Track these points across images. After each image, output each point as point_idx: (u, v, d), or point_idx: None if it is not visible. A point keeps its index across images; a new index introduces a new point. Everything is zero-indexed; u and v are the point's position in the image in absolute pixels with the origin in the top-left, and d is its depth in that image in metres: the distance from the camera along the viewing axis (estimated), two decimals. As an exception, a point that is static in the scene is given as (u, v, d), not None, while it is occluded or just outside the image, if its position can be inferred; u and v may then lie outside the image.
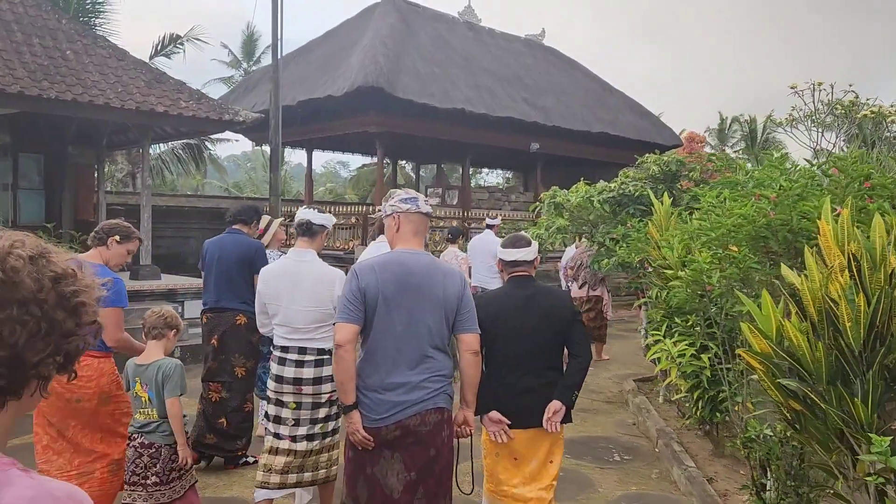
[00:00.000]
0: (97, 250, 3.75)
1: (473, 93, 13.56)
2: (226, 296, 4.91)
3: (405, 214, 2.85)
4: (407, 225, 2.85)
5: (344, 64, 12.97)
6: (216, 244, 5.09)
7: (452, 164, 21.73)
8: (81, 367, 3.47)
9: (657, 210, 6.22)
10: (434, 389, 2.78)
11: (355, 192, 42.03)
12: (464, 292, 2.86)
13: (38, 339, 0.97)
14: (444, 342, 2.85)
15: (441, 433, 2.81)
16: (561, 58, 18.12)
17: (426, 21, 15.12)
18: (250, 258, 4.96)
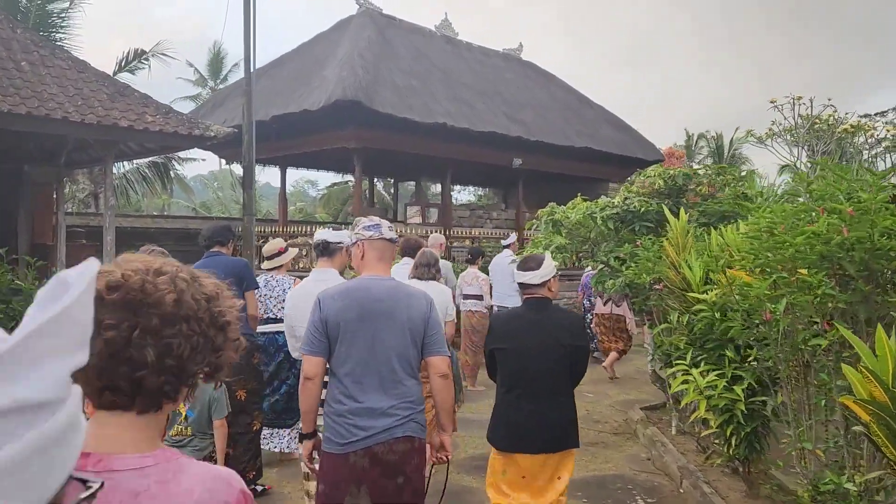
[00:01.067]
0: None
1: (454, 107, 13.11)
2: None
3: (369, 241, 2.89)
4: (371, 252, 2.89)
5: (319, 77, 12.41)
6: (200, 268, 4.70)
7: (431, 181, 21.23)
8: None
9: (673, 227, 5.76)
10: (402, 417, 2.77)
11: (326, 210, 41.48)
12: (430, 315, 2.86)
13: (197, 353, 1.10)
14: (412, 367, 2.84)
15: (410, 461, 2.78)
16: (539, 72, 17.81)
17: (403, 34, 14.67)
18: (239, 275, 4.82)
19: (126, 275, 1.09)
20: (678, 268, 5.62)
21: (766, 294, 3.12)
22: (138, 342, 1.06)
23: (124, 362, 1.05)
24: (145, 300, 1.07)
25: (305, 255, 12.98)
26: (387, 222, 3.06)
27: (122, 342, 1.05)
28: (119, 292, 1.07)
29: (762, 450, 4.93)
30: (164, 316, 1.07)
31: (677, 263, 5.63)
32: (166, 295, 1.09)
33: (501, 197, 20.16)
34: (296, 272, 12.60)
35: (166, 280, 1.11)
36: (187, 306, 1.10)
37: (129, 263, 1.12)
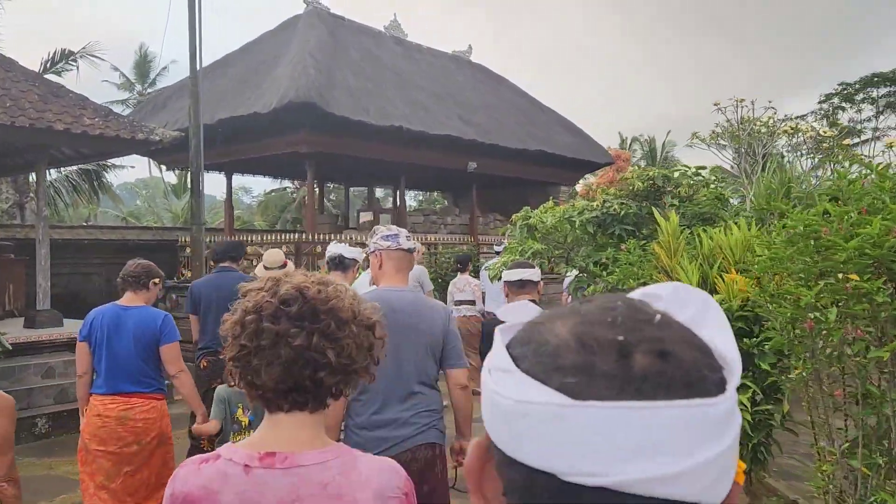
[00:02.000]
0: (138, 294, 3.85)
1: (409, 110, 12.75)
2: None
3: (387, 252, 2.85)
4: (389, 262, 2.86)
5: (269, 78, 11.84)
6: (210, 285, 4.93)
7: (384, 187, 20.78)
8: (146, 410, 3.74)
9: (664, 230, 5.56)
10: (423, 425, 2.77)
11: (264, 218, 40.56)
12: (449, 327, 2.86)
13: (360, 351, 1.24)
14: (430, 378, 2.85)
15: (434, 468, 2.80)
16: (490, 75, 17.64)
17: (353, 35, 14.22)
18: None
19: (301, 287, 1.21)
20: (670, 272, 5.43)
21: (811, 302, 2.89)
22: (319, 346, 1.17)
23: (308, 365, 1.17)
24: (322, 308, 1.19)
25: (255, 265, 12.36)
26: (405, 231, 2.99)
27: (306, 346, 1.17)
28: (297, 304, 1.19)
29: (766, 460, 4.77)
30: (338, 320, 1.20)
31: (670, 268, 5.44)
32: (339, 302, 1.21)
33: (452, 201, 19.89)
34: (246, 283, 11.98)
35: (334, 289, 1.24)
36: (352, 311, 1.22)
37: (295, 278, 1.26)
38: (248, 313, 1.23)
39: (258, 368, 1.19)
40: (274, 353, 1.18)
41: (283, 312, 1.19)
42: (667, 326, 0.51)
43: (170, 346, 3.84)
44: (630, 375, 0.47)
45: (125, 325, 3.81)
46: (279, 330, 1.18)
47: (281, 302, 1.20)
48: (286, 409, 1.22)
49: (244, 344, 1.21)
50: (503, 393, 0.50)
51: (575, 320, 0.52)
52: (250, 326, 1.21)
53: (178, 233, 14.67)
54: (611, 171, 20.82)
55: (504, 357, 0.52)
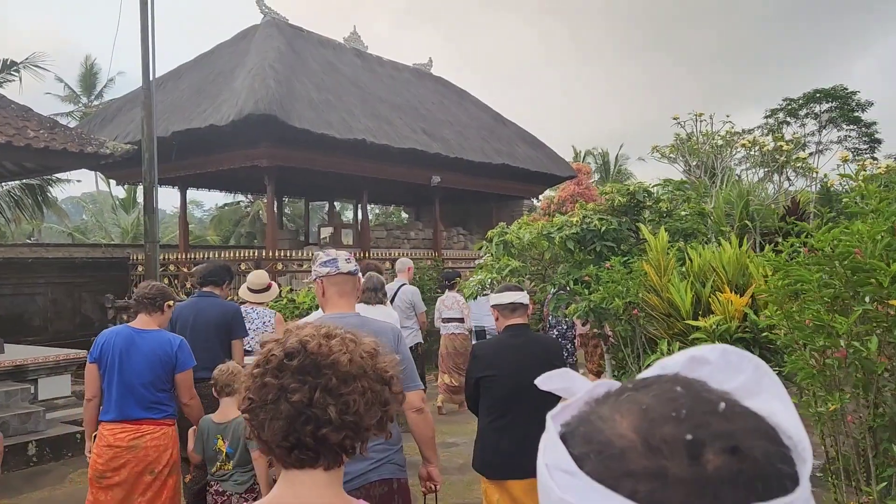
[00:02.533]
0: (152, 316, 3.74)
1: (373, 123, 12.43)
2: (202, 364, 4.37)
3: (327, 278, 2.79)
4: (331, 288, 2.80)
5: (227, 90, 11.39)
6: (189, 308, 4.80)
7: (346, 201, 20.35)
8: (157, 437, 3.67)
9: (653, 246, 5.36)
10: (377, 459, 2.63)
11: (217, 233, 39.75)
12: (398, 349, 2.75)
13: (370, 407, 1.18)
14: None
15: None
16: (451, 88, 17.46)
17: (313, 46, 13.86)
18: (228, 322, 4.76)
19: (303, 341, 1.20)
20: (660, 291, 5.23)
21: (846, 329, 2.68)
22: (320, 401, 1.15)
23: (309, 421, 1.15)
24: (323, 362, 1.17)
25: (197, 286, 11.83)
26: (345, 254, 2.93)
27: (306, 403, 1.14)
28: (299, 358, 1.18)
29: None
30: (340, 375, 1.17)
31: (660, 287, 5.23)
32: (341, 356, 1.18)
33: (414, 216, 19.59)
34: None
35: (338, 342, 1.21)
36: (358, 365, 1.19)
37: (301, 330, 1.23)
38: (256, 366, 1.21)
39: (263, 423, 1.17)
40: (276, 408, 1.15)
41: (285, 366, 1.17)
42: (733, 416, 0.50)
43: (186, 373, 3.78)
44: (704, 479, 0.46)
45: (139, 348, 3.69)
46: (280, 385, 1.16)
47: (285, 355, 1.18)
48: (298, 467, 1.19)
49: (251, 398, 1.19)
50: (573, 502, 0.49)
51: (636, 415, 0.51)
52: (257, 380, 1.19)
53: (129, 250, 14.01)
54: (572, 185, 20.83)
55: (564, 457, 0.51)
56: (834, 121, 36.88)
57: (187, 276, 12.30)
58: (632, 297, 5.85)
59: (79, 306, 12.89)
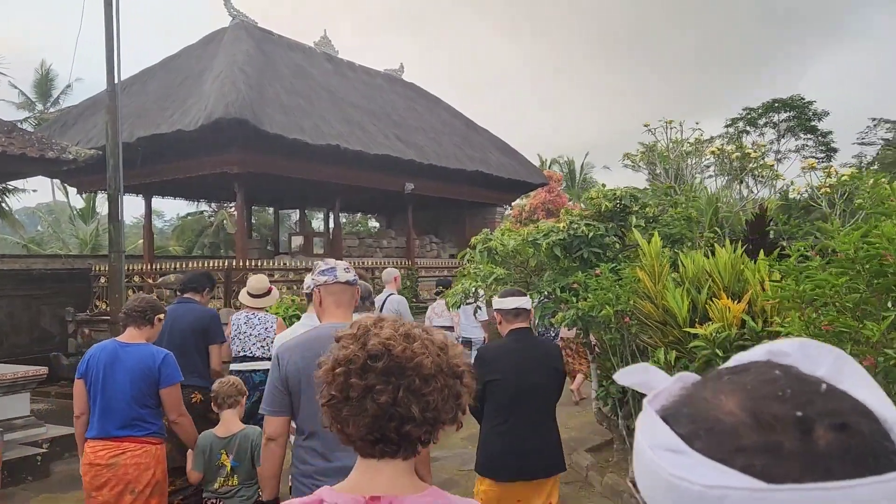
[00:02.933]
0: (141, 330, 3.66)
1: (346, 129, 12.17)
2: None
3: (325, 287, 2.78)
4: (328, 297, 2.79)
5: (195, 94, 11.03)
6: (167, 315, 4.55)
7: (318, 209, 19.99)
8: (138, 455, 3.53)
9: (647, 252, 5.23)
10: None
11: (179, 243, 39.07)
12: None
13: (447, 402, 1.24)
14: None
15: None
16: (423, 94, 17.29)
17: (283, 50, 13.55)
18: (205, 327, 4.77)
19: (387, 344, 1.22)
20: (655, 298, 5.09)
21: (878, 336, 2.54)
22: (404, 401, 1.19)
23: (393, 418, 1.20)
24: (407, 365, 1.21)
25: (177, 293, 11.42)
26: (343, 263, 2.90)
27: (391, 402, 1.19)
28: (384, 360, 1.21)
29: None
30: (423, 377, 1.21)
31: (654, 293, 5.10)
32: (424, 359, 1.22)
33: (385, 224, 19.32)
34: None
35: (420, 345, 1.24)
36: (437, 365, 1.24)
37: (383, 331, 1.25)
38: (338, 364, 1.25)
39: (347, 419, 1.22)
40: (361, 406, 1.20)
41: (370, 368, 1.21)
42: (835, 396, 0.51)
43: (170, 388, 3.62)
44: (817, 453, 0.47)
45: (122, 363, 3.59)
46: (366, 385, 1.20)
47: (369, 357, 1.22)
48: (379, 457, 1.25)
49: (334, 394, 1.24)
50: (689, 478, 0.49)
51: (742, 395, 0.52)
52: (339, 378, 1.23)
53: (91, 261, 13.49)
54: (543, 193, 20.81)
55: (670, 437, 0.52)
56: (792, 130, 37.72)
57: (152, 287, 11.86)
58: (622, 304, 5.71)
59: (37, 320, 12.32)
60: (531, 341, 3.71)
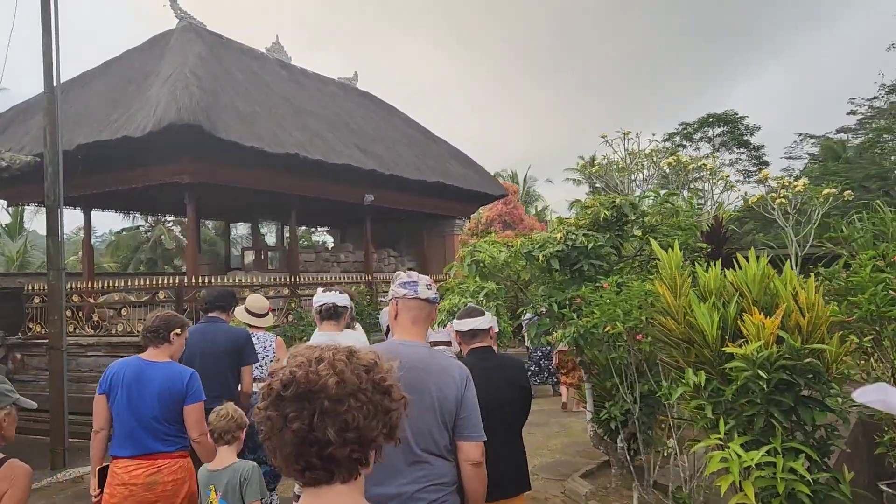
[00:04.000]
0: (160, 349, 3.64)
1: (304, 137, 11.53)
2: (211, 392, 4.25)
3: (403, 300, 2.68)
4: (405, 312, 2.67)
5: (141, 98, 10.21)
6: (196, 334, 4.65)
7: (273, 223, 19.10)
8: (175, 471, 3.56)
9: (667, 264, 4.84)
10: (431, 501, 2.42)
11: (114, 259, 37.58)
12: (465, 393, 2.55)
13: (371, 419, 1.23)
14: (439, 447, 2.50)
15: None
16: (379, 103, 16.75)
17: (236, 55, 12.82)
18: (239, 348, 4.72)
19: (293, 371, 1.24)
20: (676, 314, 4.70)
21: None
22: (319, 425, 1.20)
23: (313, 444, 1.21)
24: (313, 388, 1.22)
25: (124, 313, 10.54)
26: (426, 279, 2.75)
27: (307, 428, 1.20)
28: (292, 387, 1.23)
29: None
30: (331, 397, 1.21)
31: (675, 308, 4.70)
32: (329, 379, 1.22)
33: (339, 237, 18.62)
34: (115, 336, 10.13)
35: (325, 366, 1.25)
36: (350, 383, 1.23)
37: (294, 359, 1.29)
38: (262, 399, 1.26)
39: (274, 452, 1.24)
40: (282, 437, 1.21)
41: (282, 397, 1.22)
42: None
43: (194, 406, 3.61)
44: None
45: (150, 380, 3.57)
46: (281, 415, 1.21)
47: (282, 386, 1.23)
48: (315, 485, 1.24)
49: (262, 430, 1.25)
50: None
51: None
52: (262, 413, 1.24)
53: (22, 279, 12.38)
54: (499, 205, 20.52)
55: None
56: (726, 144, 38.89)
57: (93, 307, 10.91)
58: (633, 321, 5.31)
59: (-39, 345, 11.15)
60: (494, 360, 3.66)
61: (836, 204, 11.07)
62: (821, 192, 9.61)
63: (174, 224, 39.36)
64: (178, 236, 38.59)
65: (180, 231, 39.41)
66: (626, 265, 6.60)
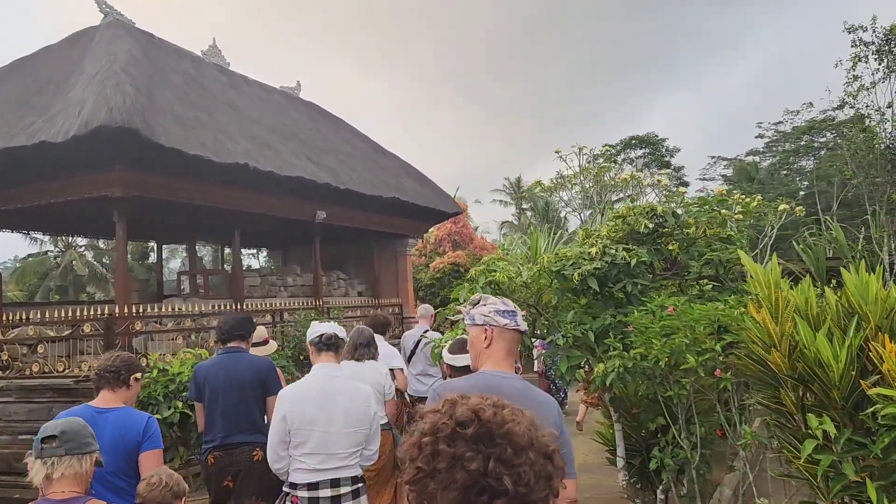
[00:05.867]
0: (116, 392, 3.44)
1: (253, 147, 10.27)
2: (238, 428, 4.25)
3: (500, 330, 2.49)
4: (501, 342, 2.49)
5: (62, 100, 8.74)
6: (217, 367, 4.50)
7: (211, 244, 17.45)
8: None
9: (759, 281, 3.96)
10: None
11: (19, 287, 34.92)
12: (561, 428, 2.40)
13: (539, 480, 1.14)
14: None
15: None
16: (325, 114, 15.58)
17: (171, 56, 11.43)
18: (263, 379, 4.50)
19: (476, 409, 1.17)
20: (778, 341, 3.81)
21: None
22: (495, 471, 1.11)
23: (484, 491, 1.11)
24: (498, 431, 1.14)
25: (40, 350, 8.94)
26: (519, 309, 2.60)
27: (482, 472, 1.11)
28: (473, 426, 1.14)
29: None
30: (514, 445, 1.14)
31: (777, 336, 3.82)
32: (514, 426, 1.15)
33: (281, 260, 17.20)
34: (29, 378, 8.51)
35: (510, 412, 1.19)
36: (527, 437, 1.16)
37: (470, 400, 1.21)
38: (424, 435, 1.17)
39: (434, 493, 1.12)
40: (450, 477, 1.11)
41: (459, 435, 1.14)
42: None
43: (150, 453, 3.34)
44: None
45: (101, 431, 3.12)
46: (455, 453, 1.12)
47: (457, 424, 1.15)
48: None
49: (420, 466, 1.15)
50: None
51: None
52: (427, 449, 1.15)
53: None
54: (449, 223, 19.57)
55: None
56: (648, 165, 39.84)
57: (1, 343, 9.24)
58: (710, 352, 4.41)
59: None
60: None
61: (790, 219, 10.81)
62: (776, 207, 9.23)
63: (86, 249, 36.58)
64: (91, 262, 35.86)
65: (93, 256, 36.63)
66: (660, 284, 5.74)
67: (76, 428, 2.58)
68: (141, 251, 33.26)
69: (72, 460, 2.51)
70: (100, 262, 36.57)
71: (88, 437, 2.60)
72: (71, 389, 8.42)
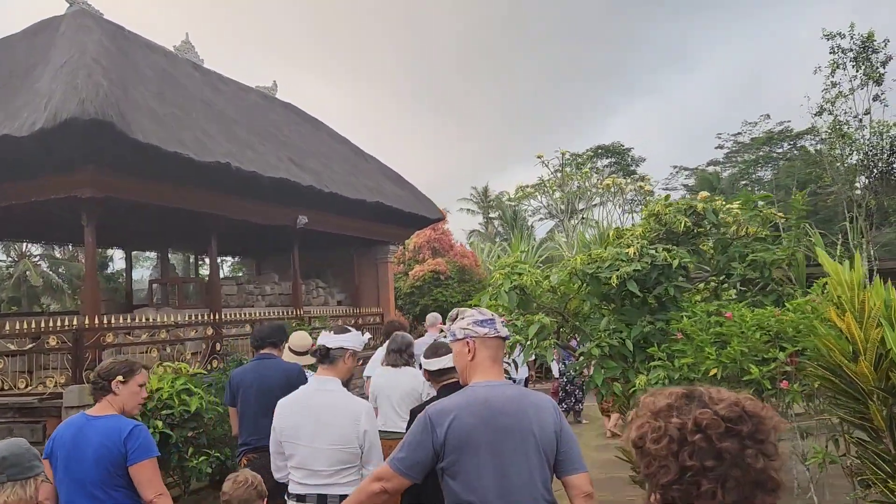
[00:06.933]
0: (105, 401, 3.28)
1: (233, 147, 9.66)
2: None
3: (482, 340, 2.51)
4: (484, 351, 2.50)
5: (27, 92, 8.03)
6: (251, 373, 4.68)
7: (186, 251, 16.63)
8: None
9: (841, 283, 3.56)
10: None
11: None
12: (562, 425, 2.44)
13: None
14: (547, 490, 2.39)
15: None
16: (303, 115, 14.98)
17: (143, 50, 10.74)
18: (292, 385, 4.26)
19: (741, 404, 1.15)
20: (863, 349, 3.42)
21: None
22: (770, 467, 1.12)
23: (758, 487, 1.10)
24: (765, 428, 1.14)
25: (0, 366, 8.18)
26: (497, 315, 2.63)
27: (762, 469, 1.11)
28: (747, 423, 1.13)
29: None
30: (774, 441, 1.14)
31: (863, 342, 3.42)
32: (775, 422, 1.16)
33: (255, 268, 16.48)
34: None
35: (753, 403, 1.18)
36: (776, 425, 1.18)
37: (720, 392, 1.18)
38: (689, 433, 1.12)
39: (711, 491, 1.08)
40: (730, 474, 1.08)
41: (734, 431, 1.11)
42: None
43: (140, 465, 3.07)
44: None
45: (87, 440, 3.08)
46: (736, 450, 1.09)
47: (728, 420, 1.12)
48: None
49: (692, 464, 1.10)
50: None
51: None
52: (700, 444, 1.10)
53: None
54: (428, 230, 19.06)
55: None
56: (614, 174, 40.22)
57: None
58: (772, 362, 4.00)
59: None
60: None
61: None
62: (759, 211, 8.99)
63: (41, 259, 35.10)
64: (47, 272, 34.40)
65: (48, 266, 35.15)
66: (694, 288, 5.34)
67: (19, 451, 2.45)
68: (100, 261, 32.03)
69: (15, 487, 2.39)
70: (56, 273, 35.18)
71: (33, 460, 2.47)
72: (35, 409, 7.69)
